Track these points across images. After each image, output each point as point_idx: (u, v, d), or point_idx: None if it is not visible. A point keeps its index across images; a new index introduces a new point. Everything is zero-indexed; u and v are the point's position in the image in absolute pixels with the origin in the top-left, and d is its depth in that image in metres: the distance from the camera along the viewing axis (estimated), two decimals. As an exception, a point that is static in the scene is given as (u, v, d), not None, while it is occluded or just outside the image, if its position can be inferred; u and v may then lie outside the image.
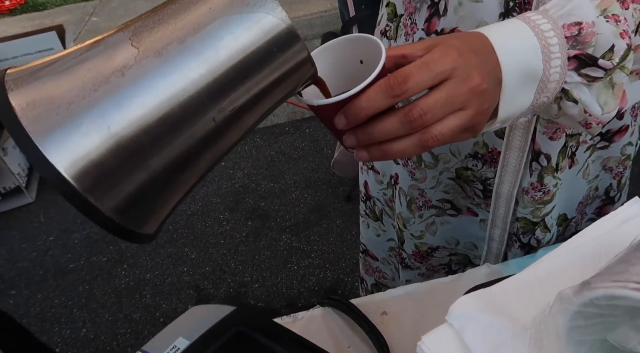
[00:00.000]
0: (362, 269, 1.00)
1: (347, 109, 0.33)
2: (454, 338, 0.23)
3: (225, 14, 0.30)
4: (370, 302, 0.57)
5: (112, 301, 1.64)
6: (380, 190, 0.77)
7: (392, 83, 0.32)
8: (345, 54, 0.38)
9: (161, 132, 0.28)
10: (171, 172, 0.29)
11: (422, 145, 0.34)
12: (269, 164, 2.12)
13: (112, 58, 0.28)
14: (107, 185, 0.27)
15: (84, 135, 0.26)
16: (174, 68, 0.28)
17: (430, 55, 0.34)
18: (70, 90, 0.27)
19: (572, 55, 0.37)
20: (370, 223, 0.86)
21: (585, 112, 0.39)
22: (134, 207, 0.28)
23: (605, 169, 0.60)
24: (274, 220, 1.86)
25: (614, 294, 0.18)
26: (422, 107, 0.33)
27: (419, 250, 0.74)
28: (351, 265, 1.64)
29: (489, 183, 0.60)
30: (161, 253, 1.79)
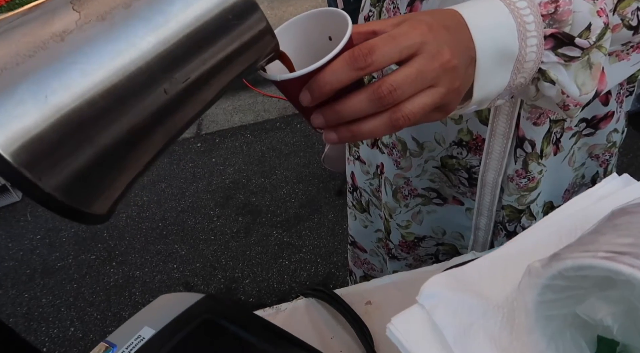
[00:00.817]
0: (351, 261, 0.99)
1: (311, 84, 0.32)
2: (423, 319, 0.22)
3: None
4: (354, 292, 0.56)
5: (100, 299, 1.62)
6: (367, 180, 0.77)
7: (357, 54, 0.31)
8: (312, 30, 0.37)
9: (106, 103, 0.26)
10: (120, 147, 0.27)
11: (392, 124, 0.32)
12: (260, 160, 2.10)
13: (51, 22, 0.26)
14: (47, 159, 0.24)
15: (18, 103, 0.24)
16: (119, 34, 0.26)
17: (399, 29, 0.33)
18: (3, 56, 0.24)
19: (548, 34, 0.36)
20: (357, 215, 0.85)
21: (563, 93, 0.38)
22: (80, 184, 0.26)
23: (591, 156, 0.60)
24: (265, 215, 1.85)
25: (583, 264, 0.17)
26: (391, 83, 0.31)
27: (405, 241, 0.73)
28: (342, 259, 1.64)
29: (474, 171, 0.59)
30: (150, 250, 1.77)
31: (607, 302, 0.17)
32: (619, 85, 0.55)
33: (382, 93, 0.31)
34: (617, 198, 0.25)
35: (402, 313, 0.24)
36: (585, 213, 0.23)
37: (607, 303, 0.17)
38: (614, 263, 0.16)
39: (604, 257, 0.16)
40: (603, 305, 0.17)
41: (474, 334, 0.21)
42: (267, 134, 2.24)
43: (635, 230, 0.17)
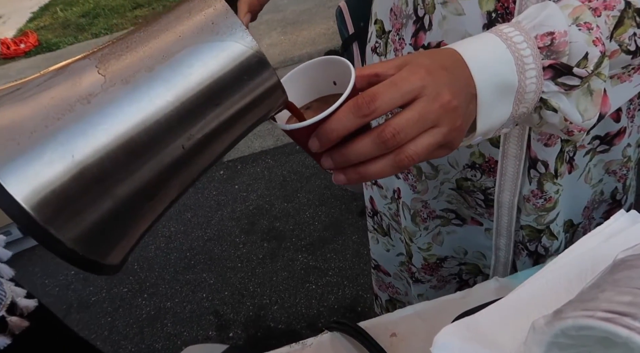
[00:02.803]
0: (376, 285, 0.99)
1: (318, 132, 0.33)
2: (438, 371, 0.23)
3: (195, 43, 0.29)
4: (378, 323, 0.56)
5: (134, 332, 1.65)
6: (386, 204, 0.77)
7: (360, 103, 0.32)
8: (317, 76, 0.39)
9: (128, 160, 0.27)
10: (138, 200, 0.28)
11: (397, 165, 0.34)
12: (282, 184, 2.13)
13: (77, 85, 0.27)
14: (70, 214, 0.26)
15: (46, 164, 0.25)
16: (142, 96, 0.28)
17: (399, 74, 0.34)
18: (33, 119, 0.26)
19: (547, 65, 0.37)
20: (379, 239, 0.85)
21: (566, 120, 0.39)
22: (98, 236, 0.27)
23: (608, 173, 0.59)
24: (290, 240, 1.86)
25: (583, 324, 0.17)
26: (394, 127, 0.33)
27: (427, 263, 0.73)
28: (369, 281, 1.62)
29: (490, 192, 0.59)
30: (180, 280, 1.80)
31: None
32: (629, 101, 0.54)
33: (386, 137, 0.32)
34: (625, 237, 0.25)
35: (416, 364, 0.24)
36: (594, 253, 0.23)
37: None
38: (612, 325, 0.16)
39: (603, 318, 0.16)
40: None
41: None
42: (287, 158, 2.26)
43: (634, 287, 0.17)
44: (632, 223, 0.27)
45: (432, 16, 0.50)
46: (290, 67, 3.22)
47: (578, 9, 0.37)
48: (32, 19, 5.39)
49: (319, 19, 3.24)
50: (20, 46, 4.36)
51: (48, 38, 4.54)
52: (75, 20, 4.95)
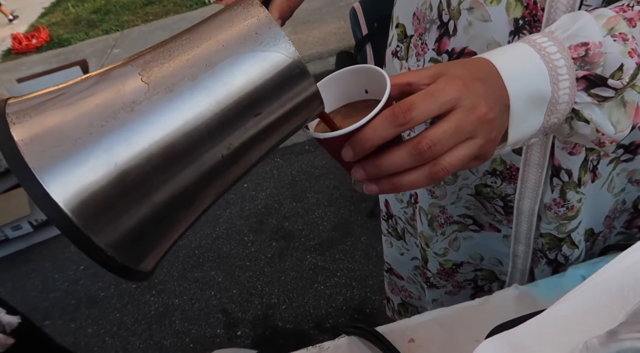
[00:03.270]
0: (388, 289, 0.98)
1: (353, 141, 0.33)
2: (478, 385, 0.23)
3: (238, 52, 0.29)
4: (396, 328, 0.56)
5: (142, 328, 1.66)
6: (401, 208, 0.77)
7: (397, 112, 0.32)
8: (350, 85, 0.39)
9: (169, 168, 0.27)
10: (175, 207, 0.29)
11: (432, 177, 0.33)
12: (291, 184, 2.13)
13: (121, 93, 0.27)
14: (110, 220, 0.26)
15: (89, 170, 0.25)
16: (185, 105, 0.28)
17: (436, 85, 0.34)
18: (77, 126, 0.26)
19: (580, 76, 0.36)
20: (394, 242, 0.85)
21: (597, 132, 0.38)
22: (135, 243, 0.28)
23: (631, 182, 0.58)
24: (298, 239, 1.86)
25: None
26: (431, 138, 0.32)
27: (443, 268, 0.72)
28: (378, 282, 1.62)
29: (510, 199, 0.58)
30: (188, 278, 1.80)
31: None
32: None
33: (422, 148, 0.32)
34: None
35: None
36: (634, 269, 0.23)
37: None
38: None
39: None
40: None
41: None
42: (296, 158, 2.26)
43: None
44: (674, 239, 0.27)
45: (457, 22, 0.50)
46: (300, 66, 3.20)
47: (613, 19, 0.37)
48: (43, 14, 5.43)
49: (329, 18, 3.23)
50: (32, 41, 4.39)
51: (59, 34, 4.57)
52: (87, 16, 4.98)
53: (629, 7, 0.38)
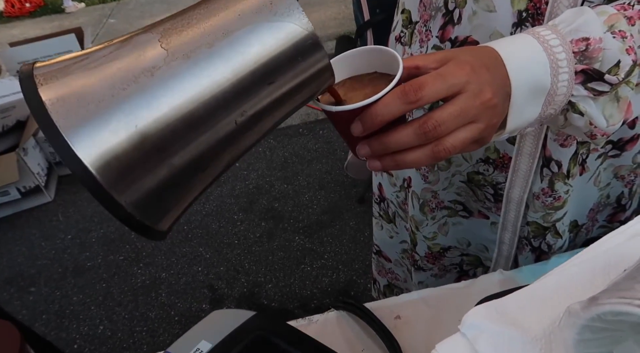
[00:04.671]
0: (375, 270, 1.00)
1: (363, 115, 0.34)
2: (466, 347, 0.24)
3: (254, 22, 0.30)
4: (383, 306, 0.58)
5: (128, 299, 1.67)
6: (394, 192, 0.78)
7: (408, 90, 0.34)
8: (360, 64, 0.40)
9: (186, 132, 0.29)
10: (191, 170, 0.30)
11: (434, 156, 0.35)
12: (283, 165, 2.14)
13: (142, 58, 0.29)
14: (131, 181, 0.28)
15: (112, 132, 0.27)
16: (202, 71, 0.29)
17: (446, 68, 0.35)
18: (100, 88, 0.27)
19: (579, 70, 0.38)
20: (384, 225, 0.87)
21: (590, 124, 0.40)
22: (154, 203, 0.29)
23: (616, 177, 0.60)
24: (288, 221, 1.88)
25: (620, 310, 0.18)
26: (436, 119, 0.34)
27: (431, 252, 0.75)
28: (364, 266, 1.65)
29: (500, 187, 0.60)
30: (176, 252, 1.82)
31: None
32: None
33: (428, 128, 0.34)
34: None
35: (445, 340, 0.26)
36: (617, 250, 0.25)
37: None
38: (650, 312, 0.18)
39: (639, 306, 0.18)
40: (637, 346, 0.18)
41: (514, 364, 0.23)
42: (289, 140, 2.27)
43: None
44: (656, 225, 0.29)
45: (462, 10, 0.51)
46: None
47: (614, 16, 0.38)
48: (38, -22, 5.27)
49: (330, 2, 3.21)
50: (26, 5, 4.29)
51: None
52: (83, -17, 4.84)
53: (630, 6, 0.40)
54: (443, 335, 0.52)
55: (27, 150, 2.07)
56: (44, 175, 2.15)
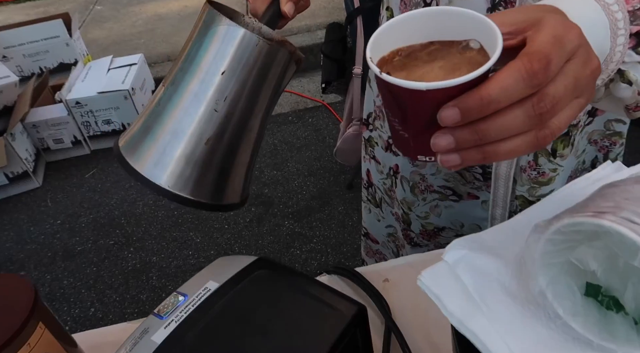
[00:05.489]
0: (364, 251, 1.03)
1: (466, 101, 0.26)
2: (448, 272, 0.28)
3: (198, 38, 0.43)
4: (373, 270, 0.61)
5: (119, 282, 1.69)
6: (381, 179, 0.80)
7: (537, 68, 0.25)
8: (409, 33, 0.30)
9: (184, 119, 0.42)
10: (227, 153, 0.44)
11: (538, 143, 0.27)
12: (272, 153, 2.16)
13: (156, 97, 0.45)
14: (195, 183, 0.42)
15: (166, 153, 0.42)
16: (176, 83, 0.43)
17: (556, 29, 0.27)
18: (159, 138, 0.43)
19: (634, 32, 0.33)
20: (372, 209, 0.89)
21: (638, 94, 0.35)
22: (215, 187, 0.43)
23: (590, 142, 0.63)
24: (277, 206, 1.91)
25: (576, 221, 0.22)
26: (554, 96, 0.26)
27: (425, 230, 0.77)
28: (352, 250, 1.69)
29: (488, 166, 0.63)
30: (166, 237, 1.84)
31: (593, 250, 0.22)
32: None
33: (545, 108, 0.26)
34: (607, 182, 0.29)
35: (429, 267, 0.29)
36: (583, 192, 0.28)
37: (593, 250, 0.22)
38: (598, 219, 0.21)
39: (592, 215, 0.21)
40: (590, 252, 0.22)
41: (489, 284, 0.26)
42: (279, 128, 2.29)
43: (617, 197, 0.22)
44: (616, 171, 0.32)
45: (439, 2, 0.52)
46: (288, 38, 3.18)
47: None
48: (21, -37, 5.15)
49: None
50: (9, -10, 4.20)
51: (38, -15, 4.37)
52: (68, -31, 4.75)
53: None
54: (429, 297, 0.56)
55: (15, 136, 2.06)
56: (32, 161, 2.14)
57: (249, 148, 0.45)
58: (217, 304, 0.32)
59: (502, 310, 0.25)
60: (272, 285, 0.33)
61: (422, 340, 0.51)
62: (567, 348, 0.23)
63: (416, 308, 0.56)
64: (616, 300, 0.22)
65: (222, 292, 0.32)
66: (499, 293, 0.25)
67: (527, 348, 0.23)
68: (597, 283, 0.23)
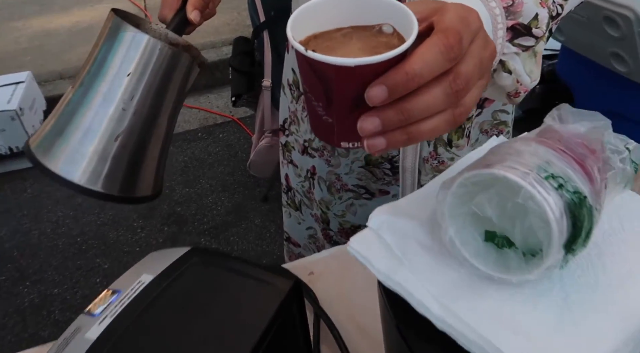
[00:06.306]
0: (286, 256, 1.05)
1: (392, 77, 0.26)
2: (374, 237, 0.31)
3: (103, 44, 0.46)
4: (298, 265, 0.63)
5: (14, 321, 1.52)
6: (299, 182, 0.83)
7: (452, 42, 0.26)
8: (325, 18, 0.30)
9: (87, 111, 0.45)
10: (138, 151, 0.46)
11: (455, 120, 0.28)
12: (183, 170, 2.10)
13: (66, 97, 0.47)
14: (106, 175, 0.44)
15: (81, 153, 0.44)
16: (82, 84, 0.46)
17: (461, 11, 0.29)
18: (71, 137, 0.45)
19: (509, 26, 0.36)
20: (292, 213, 0.91)
21: (517, 82, 0.38)
22: (127, 179, 0.46)
23: (481, 132, 0.70)
24: (192, 224, 1.85)
25: (472, 174, 0.26)
26: (466, 74, 0.27)
27: (343, 228, 0.80)
28: (272, 261, 1.70)
29: (395, 160, 0.68)
30: (69, 266, 1.69)
31: (487, 195, 0.26)
32: None
33: (461, 86, 0.27)
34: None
35: (357, 235, 0.32)
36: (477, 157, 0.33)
37: (488, 196, 0.26)
38: (489, 169, 0.26)
39: (483, 167, 0.26)
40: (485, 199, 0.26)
41: (409, 241, 0.29)
42: (188, 145, 2.24)
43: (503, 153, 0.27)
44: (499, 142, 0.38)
45: None
46: (191, 55, 3.13)
47: None
48: None
49: (223, 8, 3.21)
50: None
51: None
52: None
53: None
54: (352, 284, 0.59)
55: None
56: None
57: (159, 143, 0.48)
58: (153, 295, 0.32)
59: (421, 261, 0.28)
60: (207, 271, 0.34)
61: (349, 323, 0.55)
62: (475, 286, 0.27)
63: (341, 295, 0.59)
64: (507, 238, 0.27)
65: (158, 283, 0.32)
66: (417, 248, 0.29)
67: (444, 290, 0.27)
68: (493, 230, 0.28)
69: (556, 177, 0.24)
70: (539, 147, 0.26)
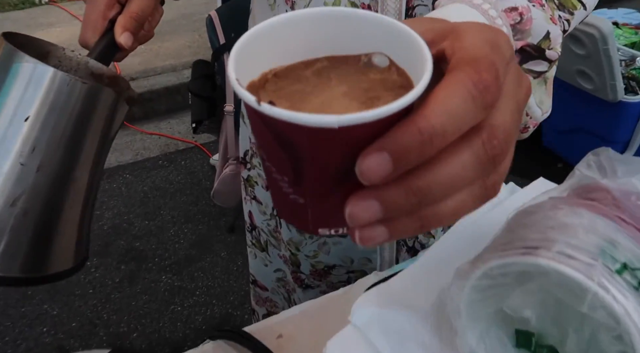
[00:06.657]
0: (253, 300, 0.96)
1: (399, 139, 0.17)
2: (359, 339, 0.23)
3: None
4: (264, 327, 0.54)
5: (-55, 383, 1.34)
6: (264, 220, 0.76)
7: (487, 79, 0.18)
8: (294, 46, 0.20)
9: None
10: (47, 216, 0.37)
11: (487, 195, 0.20)
12: (142, 201, 1.96)
13: None
14: (11, 254, 0.35)
15: None
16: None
17: (483, 33, 0.21)
18: None
19: (518, 48, 0.30)
20: (257, 254, 0.84)
21: (527, 115, 0.31)
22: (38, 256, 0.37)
23: None
24: (152, 260, 1.71)
25: (506, 262, 0.18)
26: (504, 129, 0.19)
27: (316, 269, 0.73)
28: (240, 297, 1.58)
29: None
30: (12, 315, 1.52)
31: (528, 295, 0.19)
32: None
33: (499, 148, 0.19)
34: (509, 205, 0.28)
35: (336, 335, 0.24)
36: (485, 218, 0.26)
37: (527, 295, 0.19)
38: (533, 257, 0.17)
39: (523, 253, 0.18)
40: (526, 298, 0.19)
41: (407, 345, 0.21)
42: (148, 173, 2.11)
43: (541, 227, 0.19)
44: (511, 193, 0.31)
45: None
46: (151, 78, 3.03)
47: None
48: None
49: (183, 31, 3.14)
50: None
51: None
52: None
53: None
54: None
55: None
56: None
57: (78, 203, 0.39)
58: None
59: (429, 378, 0.20)
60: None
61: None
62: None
63: (317, 363, 0.50)
64: (554, 349, 0.19)
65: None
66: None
67: None
68: (527, 330, 0.20)
69: (634, 270, 0.17)
70: (595, 218, 0.18)
